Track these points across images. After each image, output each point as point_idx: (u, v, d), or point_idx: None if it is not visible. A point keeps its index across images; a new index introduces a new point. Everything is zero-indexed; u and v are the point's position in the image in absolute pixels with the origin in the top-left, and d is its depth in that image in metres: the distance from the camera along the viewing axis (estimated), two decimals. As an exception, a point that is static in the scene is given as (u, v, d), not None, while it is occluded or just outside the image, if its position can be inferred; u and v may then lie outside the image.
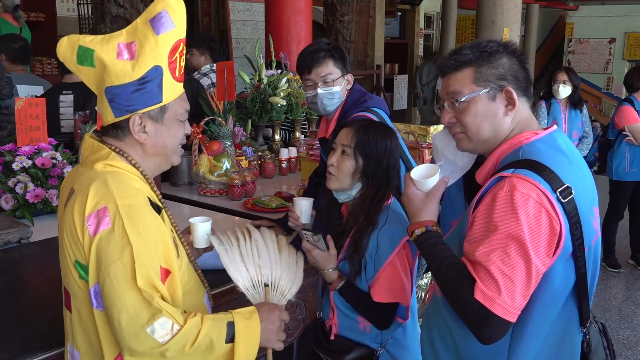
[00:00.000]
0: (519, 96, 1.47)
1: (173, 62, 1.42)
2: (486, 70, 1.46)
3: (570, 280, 1.40)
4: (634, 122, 4.87)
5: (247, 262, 1.62)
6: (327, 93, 2.36)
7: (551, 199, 1.32)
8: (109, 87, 1.39)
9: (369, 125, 1.90)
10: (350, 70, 2.49)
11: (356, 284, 1.84)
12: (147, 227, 1.34)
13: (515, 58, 1.49)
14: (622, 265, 5.20)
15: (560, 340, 1.44)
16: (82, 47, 1.40)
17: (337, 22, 8.63)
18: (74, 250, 1.36)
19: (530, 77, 1.52)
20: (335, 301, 1.92)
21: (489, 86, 1.46)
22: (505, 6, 6.30)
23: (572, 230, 1.35)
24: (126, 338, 1.29)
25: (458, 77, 1.49)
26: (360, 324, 1.89)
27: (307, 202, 1.93)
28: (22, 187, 2.66)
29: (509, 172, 1.36)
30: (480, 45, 1.49)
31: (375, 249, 1.80)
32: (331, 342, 1.93)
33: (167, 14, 1.40)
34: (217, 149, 3.26)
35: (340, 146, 1.87)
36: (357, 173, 1.84)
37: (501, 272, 1.30)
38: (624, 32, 15.39)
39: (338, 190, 1.89)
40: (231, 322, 1.41)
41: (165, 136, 1.47)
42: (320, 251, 1.83)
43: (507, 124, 1.47)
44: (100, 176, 1.38)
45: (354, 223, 1.86)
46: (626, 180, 4.98)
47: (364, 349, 1.89)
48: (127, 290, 1.29)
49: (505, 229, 1.31)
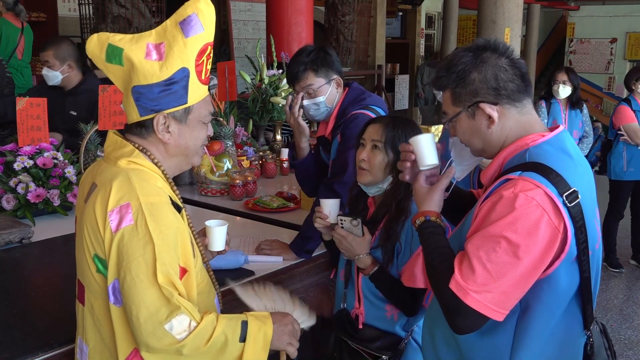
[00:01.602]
0: (503, 104, 1.44)
1: (200, 65, 1.44)
2: (459, 90, 1.46)
3: (573, 284, 1.40)
4: (629, 121, 4.91)
5: (262, 297, 1.65)
6: (311, 104, 2.40)
7: (557, 202, 1.32)
8: (135, 86, 1.40)
9: (397, 120, 1.97)
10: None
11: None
12: (169, 226, 1.36)
13: (491, 67, 1.43)
14: (623, 265, 5.20)
15: (563, 342, 1.44)
16: (112, 46, 1.42)
17: (338, 22, 8.63)
18: (93, 244, 1.38)
19: (523, 73, 1.47)
20: (364, 290, 1.97)
21: (466, 105, 1.46)
22: (507, 6, 6.29)
23: (577, 234, 1.34)
24: (144, 334, 1.31)
25: (443, 98, 1.53)
26: (388, 312, 1.94)
27: (334, 202, 1.96)
28: (24, 187, 2.67)
29: (516, 175, 1.36)
30: (451, 65, 1.47)
31: (411, 235, 1.86)
32: (359, 331, 1.98)
33: (197, 17, 1.42)
34: (218, 149, 3.26)
35: (370, 141, 1.94)
36: (388, 167, 1.91)
37: (483, 267, 1.31)
38: (625, 32, 15.39)
39: (370, 184, 1.95)
40: (245, 322, 1.44)
41: (188, 137, 1.49)
42: (355, 236, 1.89)
43: (496, 134, 1.46)
44: (124, 172, 1.40)
45: (385, 212, 1.93)
46: (623, 179, 5.01)
47: (391, 337, 1.95)
48: (147, 287, 1.31)
49: (501, 228, 1.32)
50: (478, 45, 1.47)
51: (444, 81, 1.49)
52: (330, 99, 2.40)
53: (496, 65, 1.44)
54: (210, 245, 1.74)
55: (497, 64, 1.44)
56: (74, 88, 3.62)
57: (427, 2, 13.51)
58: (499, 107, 1.44)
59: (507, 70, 1.44)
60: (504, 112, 1.45)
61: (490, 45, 1.47)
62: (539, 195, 1.31)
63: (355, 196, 2.04)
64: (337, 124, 2.40)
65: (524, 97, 1.47)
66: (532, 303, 1.38)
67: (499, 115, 1.44)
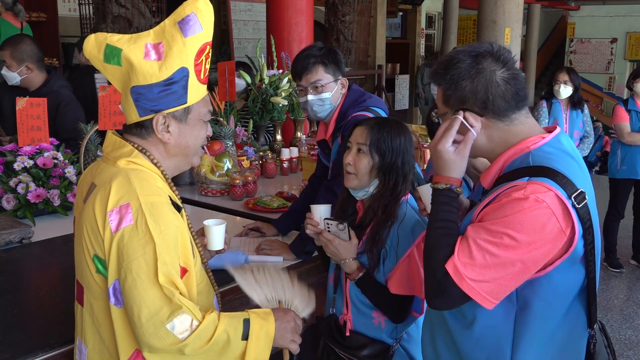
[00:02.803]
0: (488, 117, 1.42)
1: (199, 65, 1.44)
2: (450, 93, 1.45)
3: (577, 283, 1.40)
4: (620, 120, 5.00)
5: (261, 285, 1.65)
6: (317, 99, 2.37)
7: (567, 204, 1.32)
8: (135, 86, 1.40)
9: (383, 122, 1.91)
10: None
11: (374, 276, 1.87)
12: (169, 225, 1.36)
13: (485, 79, 1.40)
14: (624, 265, 5.20)
15: (566, 341, 1.44)
16: (110, 46, 1.41)
17: (339, 22, 8.64)
18: (93, 244, 1.38)
19: (518, 91, 1.43)
20: (351, 296, 1.93)
21: (452, 109, 1.46)
22: (507, 6, 6.30)
23: (585, 235, 1.35)
24: (146, 334, 1.31)
25: (437, 92, 1.52)
26: (375, 320, 1.91)
27: (324, 208, 1.94)
28: (24, 187, 2.67)
29: (525, 180, 1.35)
30: (449, 65, 1.45)
31: (396, 241, 1.83)
32: (346, 338, 1.95)
33: (196, 16, 1.41)
34: (218, 149, 3.26)
35: (356, 145, 1.89)
36: (374, 170, 1.87)
37: (482, 257, 1.32)
38: (625, 32, 15.40)
39: (356, 188, 1.91)
40: (247, 319, 1.44)
41: (188, 137, 1.48)
42: (341, 241, 1.86)
43: (481, 142, 1.45)
44: (123, 173, 1.39)
45: (372, 217, 1.89)
46: (618, 177, 5.07)
47: (379, 345, 1.91)
48: (148, 287, 1.31)
49: (506, 224, 1.32)
50: (480, 52, 1.44)
51: (439, 79, 1.48)
52: (335, 97, 2.39)
53: (491, 79, 1.41)
54: (209, 245, 1.74)
55: (492, 78, 1.41)
56: (37, 90, 3.45)
57: (428, 2, 13.51)
58: (484, 119, 1.43)
59: (499, 86, 1.41)
60: (489, 124, 1.44)
61: (493, 53, 1.44)
62: (550, 198, 1.31)
63: (344, 200, 2.01)
64: (337, 127, 2.39)
65: (513, 113, 1.44)
66: (532, 300, 1.38)
67: (483, 126, 1.43)
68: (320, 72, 2.35)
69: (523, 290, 1.38)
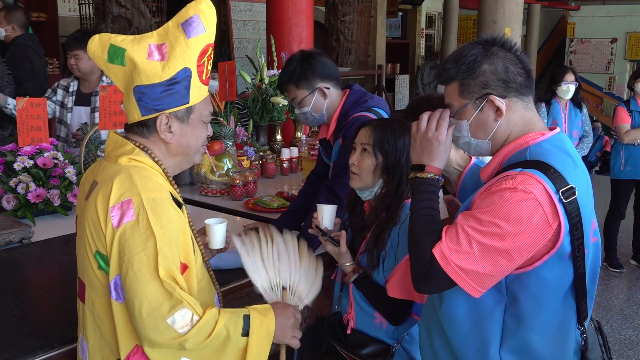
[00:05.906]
0: (511, 97, 1.46)
1: (201, 65, 1.46)
2: (469, 82, 1.47)
3: (567, 280, 1.41)
4: (620, 122, 5.02)
5: (267, 265, 1.66)
6: (300, 113, 2.46)
7: (553, 198, 1.33)
8: (137, 86, 1.42)
9: (387, 122, 1.93)
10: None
11: (374, 277, 1.88)
12: (170, 221, 1.37)
13: (501, 59, 1.46)
14: (624, 265, 5.20)
15: (555, 336, 1.45)
16: (114, 46, 1.43)
17: (339, 22, 8.64)
18: (95, 241, 1.39)
19: (529, 69, 1.49)
20: (355, 295, 1.95)
21: (474, 97, 1.47)
22: (507, 6, 6.29)
23: (572, 231, 1.36)
24: (146, 329, 1.32)
25: (448, 90, 1.52)
26: (377, 319, 1.92)
27: (330, 208, 1.95)
28: (24, 187, 2.67)
29: (517, 171, 1.38)
30: (460, 56, 1.48)
31: (397, 242, 1.84)
32: (348, 336, 1.96)
33: (199, 18, 1.44)
34: (218, 149, 3.26)
35: (360, 145, 1.91)
36: (378, 170, 1.88)
37: (469, 244, 1.35)
38: (625, 32, 15.39)
39: (361, 188, 1.93)
40: (247, 316, 1.45)
41: (190, 136, 1.50)
42: (333, 246, 1.91)
43: (502, 127, 1.47)
44: (125, 169, 1.41)
45: (375, 218, 1.90)
46: (621, 178, 5.06)
47: (380, 345, 1.92)
48: (149, 281, 1.32)
49: (494, 214, 1.34)
50: (487, 40, 1.49)
51: (452, 72, 1.49)
52: (316, 108, 2.41)
53: (506, 57, 1.46)
54: (210, 244, 1.75)
55: (507, 56, 1.46)
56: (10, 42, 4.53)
57: (428, 2, 13.51)
58: (507, 100, 1.46)
59: (516, 64, 1.46)
60: (511, 106, 1.46)
61: (498, 41, 1.49)
62: (538, 190, 1.33)
63: (352, 200, 2.04)
64: (339, 127, 2.40)
65: (530, 92, 1.49)
66: (520, 295, 1.40)
67: (506, 108, 1.45)
68: (293, 91, 2.41)
69: (512, 284, 1.41)
